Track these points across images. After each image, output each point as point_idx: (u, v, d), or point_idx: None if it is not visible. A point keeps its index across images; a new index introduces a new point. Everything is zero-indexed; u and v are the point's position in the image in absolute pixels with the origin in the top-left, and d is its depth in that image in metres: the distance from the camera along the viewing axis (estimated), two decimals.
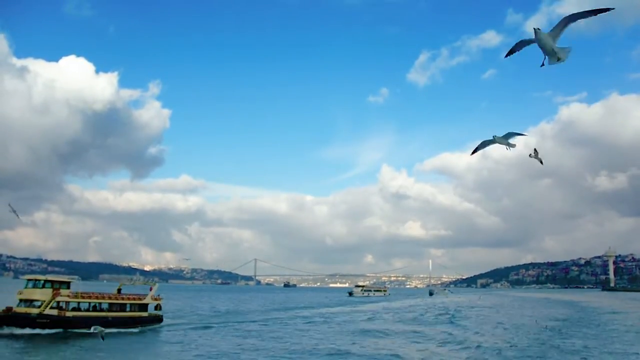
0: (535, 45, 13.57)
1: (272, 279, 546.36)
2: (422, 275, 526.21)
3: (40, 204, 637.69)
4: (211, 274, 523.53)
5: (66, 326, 44.93)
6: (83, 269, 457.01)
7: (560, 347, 39.23)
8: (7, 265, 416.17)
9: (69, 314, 45.88)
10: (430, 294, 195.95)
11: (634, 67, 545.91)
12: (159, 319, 54.60)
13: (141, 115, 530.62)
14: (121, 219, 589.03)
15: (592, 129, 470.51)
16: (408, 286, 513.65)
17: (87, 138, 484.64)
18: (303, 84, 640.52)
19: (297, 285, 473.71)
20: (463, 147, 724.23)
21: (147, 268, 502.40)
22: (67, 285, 47.74)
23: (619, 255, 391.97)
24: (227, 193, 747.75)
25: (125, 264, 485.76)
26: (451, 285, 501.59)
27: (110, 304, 50.22)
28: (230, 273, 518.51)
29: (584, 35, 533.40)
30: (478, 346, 39.65)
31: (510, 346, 39.54)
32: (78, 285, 50.93)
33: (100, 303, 49.34)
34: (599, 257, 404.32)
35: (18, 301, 45.58)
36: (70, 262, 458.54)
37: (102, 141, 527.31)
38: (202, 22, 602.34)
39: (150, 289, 56.16)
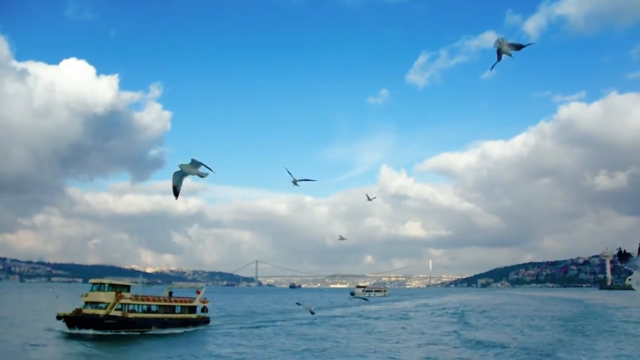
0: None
1: (272, 280, 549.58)
2: (422, 275, 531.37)
3: (41, 207, 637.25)
4: (212, 275, 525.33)
5: (129, 327, 48.48)
6: (86, 271, 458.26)
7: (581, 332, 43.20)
8: (12, 268, 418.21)
9: (130, 315, 49.43)
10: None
11: (633, 66, 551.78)
12: (206, 320, 58.19)
13: (142, 117, 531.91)
14: (121, 222, 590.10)
15: (591, 128, 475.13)
16: (408, 286, 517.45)
17: (88, 141, 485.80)
18: (303, 85, 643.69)
19: (301, 286, 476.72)
20: (462, 147, 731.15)
21: (149, 270, 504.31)
22: (128, 288, 51.29)
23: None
24: (226, 195, 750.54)
25: (127, 267, 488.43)
26: (451, 285, 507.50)
27: (164, 306, 53.76)
28: (231, 275, 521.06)
29: (582, 34, 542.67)
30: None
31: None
32: (138, 288, 54.38)
33: (155, 305, 52.84)
34: (597, 256, 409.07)
35: (84, 303, 49.10)
36: (73, 265, 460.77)
37: (103, 144, 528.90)
38: (202, 24, 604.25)
39: (197, 293, 59.73)
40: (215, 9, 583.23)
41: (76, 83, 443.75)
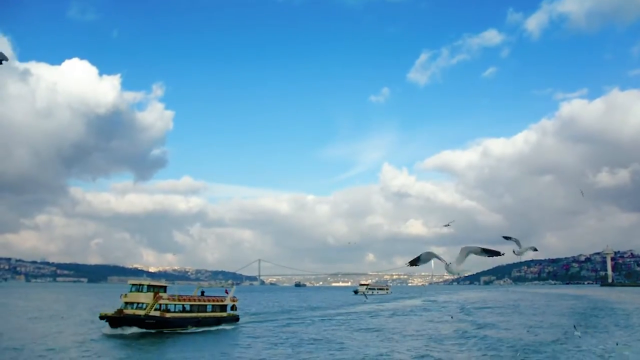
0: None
1: (275, 279, 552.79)
2: (423, 273, 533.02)
3: (43, 207, 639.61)
4: (215, 274, 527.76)
5: (167, 326, 50.56)
6: (90, 271, 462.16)
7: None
8: (18, 268, 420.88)
9: (168, 315, 51.53)
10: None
11: (635, 63, 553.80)
12: (236, 318, 60.28)
13: (144, 117, 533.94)
14: (123, 221, 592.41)
15: (593, 125, 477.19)
16: (410, 284, 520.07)
17: (91, 141, 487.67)
18: (304, 84, 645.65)
19: (306, 285, 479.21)
20: (464, 145, 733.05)
21: (151, 269, 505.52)
22: (164, 289, 53.34)
23: (618, 251, 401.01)
24: (228, 193, 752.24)
25: (130, 266, 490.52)
26: (454, 283, 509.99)
27: (198, 305, 55.84)
28: (234, 273, 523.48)
29: (584, 32, 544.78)
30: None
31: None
32: (175, 289, 56.49)
33: (189, 305, 54.92)
34: (598, 253, 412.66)
35: (124, 304, 51.15)
36: (77, 264, 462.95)
37: (106, 144, 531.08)
38: (203, 24, 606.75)
39: (226, 292, 61.87)
40: (216, 8, 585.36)
41: (78, 83, 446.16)
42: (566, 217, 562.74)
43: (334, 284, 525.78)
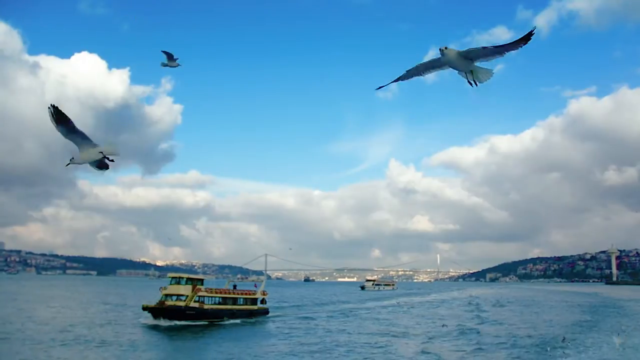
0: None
1: (281, 274, 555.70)
2: (429, 270, 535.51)
3: (51, 199, 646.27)
4: (222, 269, 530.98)
5: (206, 317, 53.10)
6: (99, 264, 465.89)
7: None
8: (28, 261, 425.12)
9: (206, 307, 54.08)
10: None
11: None
12: (266, 311, 62.82)
13: (153, 111, 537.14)
14: (130, 214, 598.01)
15: (601, 123, 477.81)
16: (415, 280, 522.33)
17: (100, 134, 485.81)
18: (313, 80, 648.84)
19: (314, 280, 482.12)
20: (471, 142, 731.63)
21: (159, 263, 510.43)
22: (201, 282, 55.87)
23: (624, 250, 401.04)
24: (235, 188, 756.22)
25: (137, 259, 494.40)
26: (459, 280, 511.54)
27: (232, 298, 58.36)
28: (241, 268, 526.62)
29: (593, 29, 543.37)
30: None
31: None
32: (211, 282, 59.06)
33: (224, 297, 57.40)
34: (604, 251, 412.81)
35: (164, 296, 53.65)
36: (85, 257, 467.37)
37: (115, 137, 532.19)
38: (213, 18, 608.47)
39: (255, 286, 64.45)
40: (226, 2, 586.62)
41: (88, 77, 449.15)
42: (572, 214, 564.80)
43: (339, 279, 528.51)
